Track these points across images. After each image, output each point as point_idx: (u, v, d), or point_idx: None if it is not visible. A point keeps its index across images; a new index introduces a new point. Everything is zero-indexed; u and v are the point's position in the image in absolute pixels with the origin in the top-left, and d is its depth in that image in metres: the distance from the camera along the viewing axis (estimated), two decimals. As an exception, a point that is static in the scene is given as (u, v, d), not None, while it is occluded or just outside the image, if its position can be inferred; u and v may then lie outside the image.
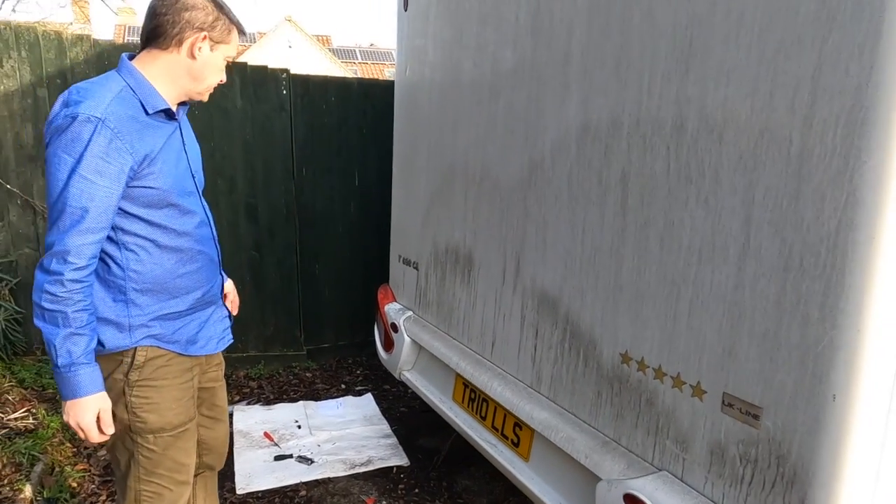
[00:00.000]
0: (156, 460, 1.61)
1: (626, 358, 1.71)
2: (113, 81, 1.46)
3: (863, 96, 1.12)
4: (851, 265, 1.15)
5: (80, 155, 1.35)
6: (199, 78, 1.55)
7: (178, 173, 1.56)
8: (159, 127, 1.53)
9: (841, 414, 1.19)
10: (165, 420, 1.59)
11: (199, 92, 1.59)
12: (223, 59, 1.58)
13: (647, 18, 1.58)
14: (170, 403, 1.60)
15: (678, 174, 1.51)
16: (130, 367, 1.53)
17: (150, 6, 1.52)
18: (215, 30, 1.53)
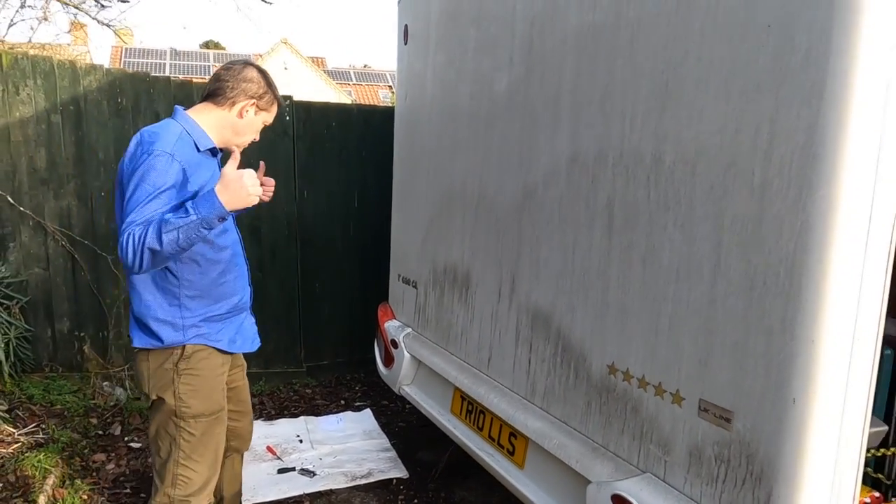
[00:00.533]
0: (194, 444, 1.89)
1: (612, 369, 1.86)
2: (173, 126, 1.81)
3: (812, 136, 1.30)
4: (806, 283, 1.32)
5: (157, 174, 1.67)
6: (241, 133, 1.93)
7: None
8: (208, 162, 1.88)
9: (800, 415, 1.34)
10: (205, 406, 1.89)
11: (237, 144, 1.93)
12: (262, 123, 1.96)
13: (629, 62, 1.76)
14: (208, 392, 1.90)
15: (657, 202, 1.68)
16: (180, 358, 1.85)
17: (216, 72, 1.92)
18: (262, 100, 1.92)
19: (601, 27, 1.86)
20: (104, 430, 3.50)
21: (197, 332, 1.86)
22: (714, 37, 1.50)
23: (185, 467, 1.89)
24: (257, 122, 1.95)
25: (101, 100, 3.76)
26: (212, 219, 1.64)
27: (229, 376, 2.05)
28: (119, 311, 3.98)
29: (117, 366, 3.96)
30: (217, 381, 1.94)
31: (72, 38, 11.06)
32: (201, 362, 1.88)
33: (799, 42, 1.32)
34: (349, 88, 30.15)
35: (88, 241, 3.84)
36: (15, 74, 3.59)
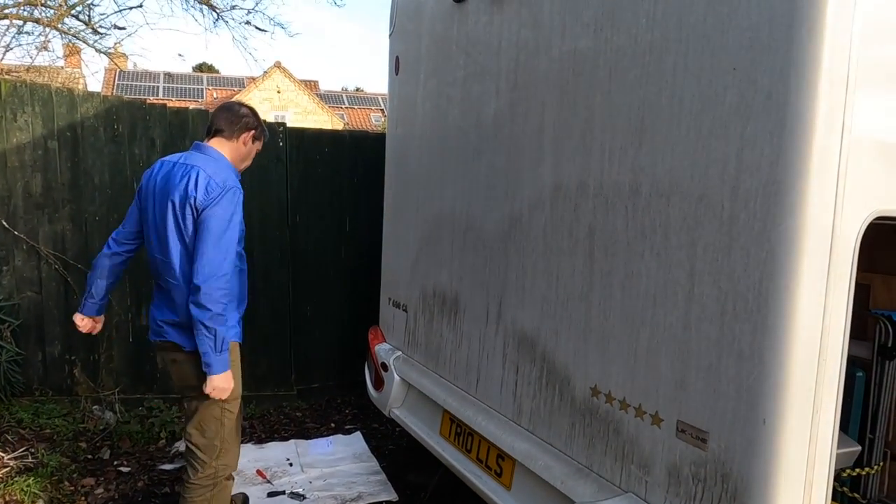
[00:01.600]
0: (233, 420, 2.36)
1: (595, 391, 1.92)
2: (222, 162, 2.29)
3: (775, 172, 1.39)
4: (772, 309, 1.40)
5: (234, 208, 2.19)
6: (245, 159, 2.44)
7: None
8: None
9: (770, 435, 1.41)
10: (239, 389, 2.35)
11: (241, 169, 2.41)
12: (255, 151, 2.46)
13: (606, 99, 1.86)
14: (238, 378, 2.34)
15: (635, 230, 1.76)
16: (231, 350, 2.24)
17: (215, 112, 2.40)
18: (257, 130, 2.43)
19: (582, 63, 1.96)
20: (93, 454, 3.50)
21: (235, 333, 2.31)
22: (685, 76, 1.60)
23: (227, 441, 2.34)
24: (254, 149, 2.44)
25: (97, 126, 3.83)
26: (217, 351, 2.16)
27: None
28: (111, 334, 4.00)
29: (108, 389, 3.97)
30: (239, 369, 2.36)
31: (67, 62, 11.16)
32: (234, 353, 2.30)
33: (761, 84, 1.42)
34: (342, 112, 30.45)
35: (82, 264, 3.87)
36: (13, 101, 3.67)
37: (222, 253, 2.13)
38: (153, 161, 3.98)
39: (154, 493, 3.22)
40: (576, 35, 1.99)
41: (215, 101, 25.28)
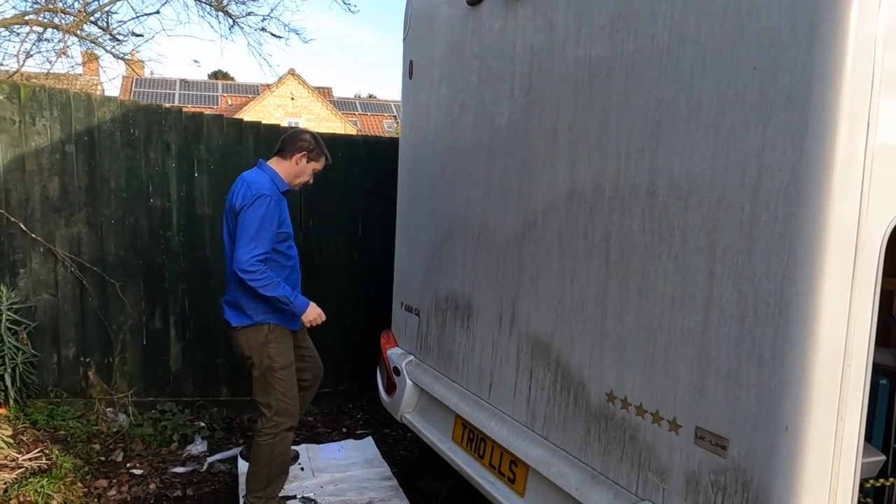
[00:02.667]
0: (283, 384, 2.82)
1: (611, 397, 1.89)
2: (265, 174, 2.81)
3: (797, 173, 1.36)
4: (795, 313, 1.37)
5: (264, 212, 2.65)
6: (298, 177, 2.90)
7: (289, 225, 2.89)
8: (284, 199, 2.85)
9: (793, 443, 1.38)
10: (284, 360, 2.84)
11: (295, 185, 2.92)
12: (311, 170, 2.93)
13: (623, 101, 1.84)
14: (286, 352, 2.85)
15: (652, 233, 1.74)
16: (269, 331, 2.79)
17: (283, 136, 2.94)
18: (312, 153, 2.89)
19: (597, 66, 1.95)
20: (106, 457, 3.51)
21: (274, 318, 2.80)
22: (703, 77, 1.58)
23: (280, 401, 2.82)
24: (308, 168, 2.89)
25: (114, 131, 3.87)
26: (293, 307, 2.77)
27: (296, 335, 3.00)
28: (125, 337, 4.02)
29: (121, 392, 3.99)
30: (288, 345, 2.88)
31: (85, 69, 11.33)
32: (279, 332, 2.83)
33: (782, 83, 1.39)
34: (355, 118, 30.63)
35: (97, 267, 3.90)
36: (32, 106, 3.71)
37: (251, 251, 2.61)
38: (168, 165, 4.03)
39: (166, 496, 3.22)
40: (591, 37, 1.97)
41: (230, 108, 25.52)
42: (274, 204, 2.68)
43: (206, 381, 4.23)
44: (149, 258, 4.01)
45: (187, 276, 4.09)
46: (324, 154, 2.92)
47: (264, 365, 2.78)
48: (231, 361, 4.22)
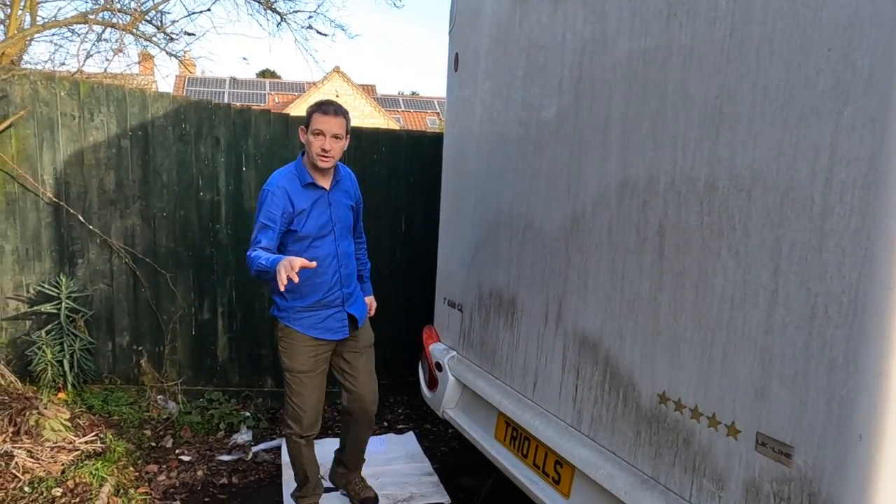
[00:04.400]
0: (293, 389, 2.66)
1: (663, 398, 1.81)
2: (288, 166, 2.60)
3: (876, 162, 1.26)
4: (871, 314, 1.26)
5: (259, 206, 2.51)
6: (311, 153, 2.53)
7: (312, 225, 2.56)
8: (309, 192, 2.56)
9: (867, 453, 1.28)
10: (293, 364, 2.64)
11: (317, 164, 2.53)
12: (314, 138, 2.49)
13: (680, 89, 1.76)
14: (295, 356, 2.63)
15: (711, 228, 1.65)
16: (278, 329, 2.65)
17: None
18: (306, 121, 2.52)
19: (652, 53, 1.86)
20: (157, 443, 3.61)
21: (287, 316, 2.62)
22: (770, 61, 1.49)
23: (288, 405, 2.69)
24: (308, 138, 2.53)
25: (166, 126, 3.97)
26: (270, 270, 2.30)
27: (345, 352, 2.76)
28: (175, 327, 4.13)
29: (171, 380, 4.10)
30: (304, 351, 2.62)
31: (140, 68, 11.74)
32: (291, 334, 2.63)
33: (860, 65, 1.29)
34: (398, 115, 30.82)
35: (150, 259, 4.02)
36: (91, 102, 3.85)
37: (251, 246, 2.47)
38: (217, 159, 4.10)
39: (212, 483, 3.29)
40: (646, 22, 1.89)
41: (277, 106, 26.06)
42: (270, 197, 2.45)
43: (251, 372, 4.31)
44: (198, 250, 4.11)
45: (234, 269, 4.17)
46: (314, 111, 2.50)
47: (281, 361, 2.69)
48: (275, 353, 4.28)
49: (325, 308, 2.63)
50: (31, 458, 2.97)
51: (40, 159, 3.81)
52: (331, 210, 2.61)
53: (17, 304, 3.86)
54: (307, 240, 2.54)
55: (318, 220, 2.55)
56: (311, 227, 2.54)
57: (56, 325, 3.77)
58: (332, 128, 2.47)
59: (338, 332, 2.69)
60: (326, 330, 2.65)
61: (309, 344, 2.63)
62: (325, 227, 2.58)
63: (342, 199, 2.68)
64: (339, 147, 2.53)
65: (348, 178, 2.79)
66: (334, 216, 2.62)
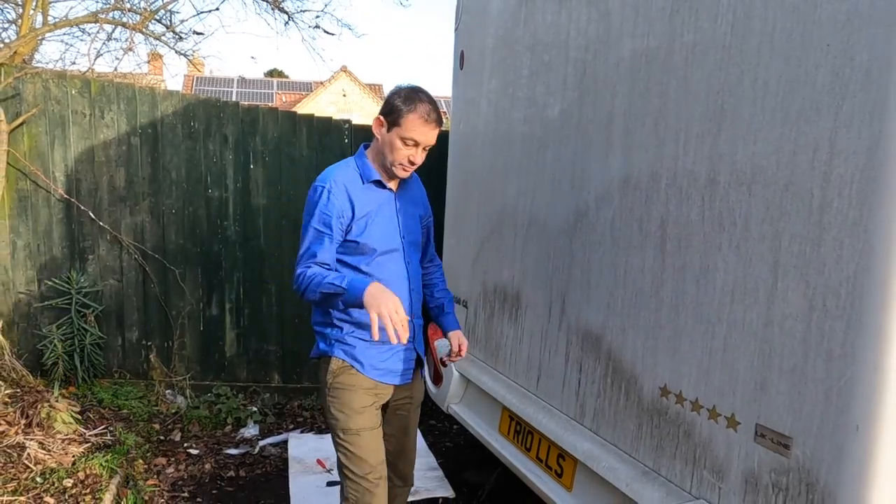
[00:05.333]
0: (348, 455, 1.95)
1: (665, 391, 1.83)
2: (349, 160, 2.02)
3: (874, 156, 1.28)
4: (868, 306, 1.28)
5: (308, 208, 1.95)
6: (385, 155, 1.94)
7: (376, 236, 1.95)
8: (376, 193, 1.98)
9: (864, 443, 1.29)
10: (350, 420, 1.94)
11: (390, 169, 1.95)
12: (398, 140, 1.89)
13: (682, 85, 1.77)
14: (354, 406, 1.95)
15: (712, 222, 1.67)
16: (328, 372, 1.96)
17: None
18: (390, 116, 1.90)
19: (655, 51, 1.88)
20: (165, 436, 3.67)
21: (342, 349, 1.96)
22: (770, 57, 1.50)
23: (346, 476, 1.96)
24: (391, 138, 1.90)
25: (175, 123, 4.02)
26: (352, 298, 1.79)
27: (394, 404, 2.09)
28: (183, 322, 4.18)
29: (179, 375, 4.15)
30: (365, 398, 1.95)
31: (149, 67, 11.86)
32: (348, 377, 1.95)
33: (859, 60, 1.31)
34: (404, 115, 30.79)
35: (159, 255, 4.07)
36: (101, 100, 3.90)
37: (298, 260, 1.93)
38: (225, 156, 4.15)
39: (220, 476, 3.33)
40: (649, 19, 1.91)
41: (284, 105, 26.18)
42: (326, 195, 1.89)
43: (258, 368, 4.35)
44: (206, 247, 4.16)
45: (242, 265, 4.22)
46: (410, 111, 1.86)
47: (331, 417, 1.97)
48: (283, 349, 4.34)
49: (388, 343, 1.92)
50: (42, 449, 3.02)
51: (52, 156, 3.86)
52: (399, 219, 2.01)
53: (30, 299, 3.92)
54: (370, 255, 1.93)
55: (384, 230, 1.96)
56: (375, 237, 1.93)
57: (67, 320, 3.83)
58: (430, 139, 1.91)
59: (401, 376, 2.05)
60: (388, 372, 2.01)
61: (368, 389, 1.96)
62: (392, 239, 1.98)
63: (410, 207, 2.08)
64: (422, 159, 1.97)
65: (417, 184, 2.17)
66: (403, 227, 2.02)
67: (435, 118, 1.90)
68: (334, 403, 1.95)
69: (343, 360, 1.95)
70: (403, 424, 2.16)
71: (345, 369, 1.95)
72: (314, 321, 2.04)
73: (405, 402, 2.14)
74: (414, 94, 1.90)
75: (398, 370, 2.04)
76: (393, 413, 2.12)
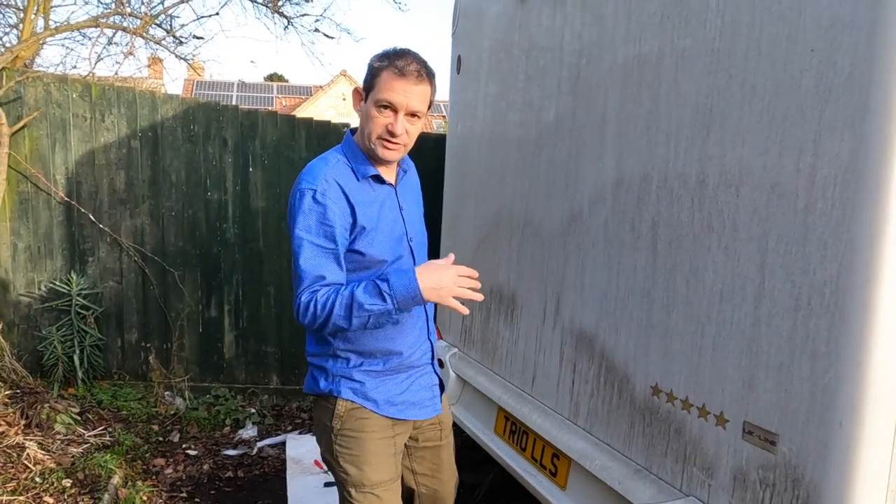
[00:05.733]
0: None
1: (656, 390, 1.86)
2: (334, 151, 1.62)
3: (856, 158, 1.31)
4: (851, 304, 1.31)
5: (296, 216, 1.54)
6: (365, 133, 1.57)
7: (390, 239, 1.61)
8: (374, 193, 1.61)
9: (847, 440, 1.32)
10: (365, 475, 1.60)
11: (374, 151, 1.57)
12: (374, 109, 1.52)
13: (673, 88, 1.81)
14: (369, 457, 1.60)
15: (701, 223, 1.70)
16: (334, 416, 1.60)
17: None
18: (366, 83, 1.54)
19: (647, 56, 1.92)
20: (164, 437, 3.69)
21: (348, 386, 1.60)
22: (757, 62, 1.54)
23: None
24: (367, 108, 1.54)
25: (175, 127, 4.06)
26: (408, 305, 1.46)
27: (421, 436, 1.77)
28: (183, 324, 4.21)
29: (178, 376, 4.17)
30: (382, 444, 1.63)
31: (150, 71, 11.91)
32: (358, 422, 1.60)
33: (841, 65, 1.34)
34: (404, 119, 30.88)
35: (158, 257, 4.10)
36: (102, 104, 3.94)
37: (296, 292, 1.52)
38: (224, 160, 4.19)
39: (218, 477, 3.35)
40: (641, 24, 1.94)
41: (284, 109, 26.26)
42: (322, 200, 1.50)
43: (257, 369, 4.38)
44: (205, 249, 4.19)
45: (241, 267, 4.25)
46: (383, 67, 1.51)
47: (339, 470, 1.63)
48: (281, 351, 4.36)
49: (408, 369, 1.67)
50: (42, 449, 3.04)
51: (53, 159, 3.90)
52: (403, 217, 1.69)
53: (30, 300, 3.95)
54: (376, 268, 1.59)
55: (390, 236, 1.62)
56: (383, 247, 1.59)
57: (67, 322, 3.85)
58: (412, 102, 1.51)
59: (426, 407, 1.72)
60: (409, 405, 1.67)
61: (385, 431, 1.64)
62: (400, 245, 1.65)
63: (412, 200, 1.77)
64: (414, 131, 1.58)
65: (414, 171, 1.85)
66: (409, 226, 1.70)
67: (414, 71, 1.50)
68: (344, 455, 1.60)
69: (352, 402, 1.60)
70: (435, 461, 1.81)
71: (355, 412, 1.59)
72: (309, 352, 1.67)
73: (433, 432, 1.79)
74: (392, 50, 1.55)
75: (421, 400, 1.70)
76: (421, 449, 1.79)
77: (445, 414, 1.86)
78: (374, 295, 1.45)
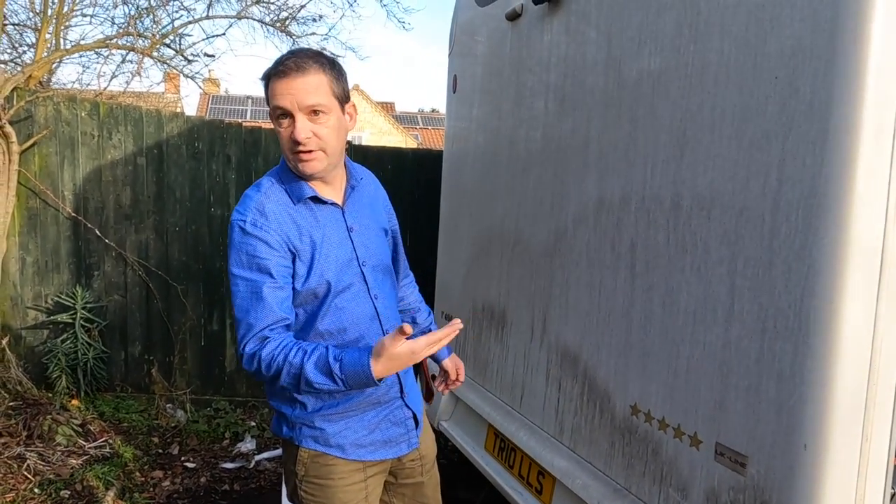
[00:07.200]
0: None
1: (635, 410, 1.87)
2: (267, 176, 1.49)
3: (817, 184, 1.33)
4: (814, 327, 1.32)
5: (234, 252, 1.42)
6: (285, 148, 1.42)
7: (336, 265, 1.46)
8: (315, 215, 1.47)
9: (812, 462, 1.33)
10: None
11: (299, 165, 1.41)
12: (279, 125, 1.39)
13: (650, 112, 1.84)
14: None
15: (676, 245, 1.72)
16: (297, 463, 1.49)
17: None
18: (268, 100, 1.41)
19: (625, 80, 1.95)
20: (163, 449, 3.73)
21: (309, 434, 1.48)
22: (726, 87, 1.57)
23: None
24: (274, 127, 1.41)
25: (180, 144, 4.15)
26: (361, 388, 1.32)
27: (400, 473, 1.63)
28: (185, 337, 4.27)
29: (180, 389, 4.23)
30: (351, 491, 1.50)
31: (167, 86, 12.15)
32: (324, 468, 1.48)
33: (803, 92, 1.36)
34: (416, 132, 31.18)
35: (162, 272, 4.18)
36: (109, 122, 4.05)
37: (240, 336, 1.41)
38: (228, 176, 4.27)
39: (215, 490, 3.39)
40: (621, 48, 1.98)
41: (297, 123, 26.50)
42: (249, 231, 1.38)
43: (257, 383, 4.42)
44: (208, 264, 4.26)
45: (243, 282, 4.31)
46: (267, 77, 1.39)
47: None
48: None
49: (374, 406, 1.53)
50: (42, 461, 3.10)
51: (61, 176, 4.00)
52: (353, 241, 1.51)
53: (36, 313, 4.04)
54: (323, 299, 1.45)
55: (334, 262, 1.46)
56: (322, 277, 1.43)
57: (71, 335, 3.93)
58: (299, 96, 1.35)
59: (399, 444, 1.58)
60: (382, 444, 1.55)
61: (355, 476, 1.51)
62: (348, 270, 1.49)
63: (367, 218, 1.58)
64: (327, 130, 1.39)
65: (371, 183, 1.71)
66: (360, 249, 1.52)
67: (292, 65, 1.35)
68: (309, 501, 1.49)
69: (314, 449, 1.47)
70: (419, 497, 1.70)
71: (319, 459, 1.47)
72: (268, 394, 1.54)
73: (413, 467, 1.65)
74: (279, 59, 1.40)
75: (393, 437, 1.56)
76: (401, 486, 1.66)
77: (428, 446, 1.72)
78: (324, 374, 1.30)
